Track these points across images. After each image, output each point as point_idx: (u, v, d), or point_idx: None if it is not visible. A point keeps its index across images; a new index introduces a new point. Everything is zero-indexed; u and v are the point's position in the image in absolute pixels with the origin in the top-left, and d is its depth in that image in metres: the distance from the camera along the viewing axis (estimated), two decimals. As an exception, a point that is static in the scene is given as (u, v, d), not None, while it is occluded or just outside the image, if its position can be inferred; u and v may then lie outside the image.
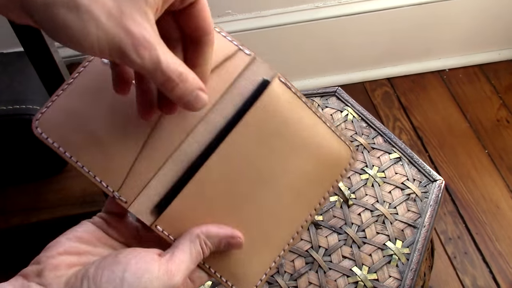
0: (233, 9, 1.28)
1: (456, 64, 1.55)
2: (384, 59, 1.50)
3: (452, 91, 1.50)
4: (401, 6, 1.36)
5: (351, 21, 1.36)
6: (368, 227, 0.63)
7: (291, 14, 1.32)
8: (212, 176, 0.40)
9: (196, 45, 0.38)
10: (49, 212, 0.96)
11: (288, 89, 0.42)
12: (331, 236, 0.62)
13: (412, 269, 0.59)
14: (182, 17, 0.37)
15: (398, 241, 0.61)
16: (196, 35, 0.38)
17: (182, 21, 0.37)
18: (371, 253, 0.60)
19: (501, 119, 1.43)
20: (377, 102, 1.47)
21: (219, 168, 0.41)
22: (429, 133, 1.40)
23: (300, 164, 0.42)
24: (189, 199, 0.40)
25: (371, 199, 0.65)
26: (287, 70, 1.46)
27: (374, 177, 0.67)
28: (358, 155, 0.69)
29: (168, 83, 0.33)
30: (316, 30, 1.35)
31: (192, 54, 0.38)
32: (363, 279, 0.58)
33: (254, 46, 1.35)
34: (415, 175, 0.67)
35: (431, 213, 0.63)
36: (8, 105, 0.88)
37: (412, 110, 1.45)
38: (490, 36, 1.52)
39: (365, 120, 0.74)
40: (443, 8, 1.38)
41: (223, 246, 0.38)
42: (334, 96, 0.77)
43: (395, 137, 0.71)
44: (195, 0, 0.36)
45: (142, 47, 0.31)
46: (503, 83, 1.51)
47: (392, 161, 0.69)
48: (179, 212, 0.40)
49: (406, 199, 0.65)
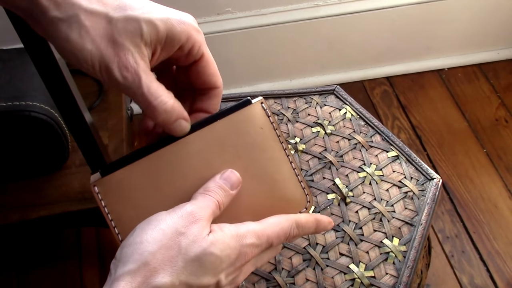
0: (233, 7, 1.28)
1: (455, 63, 1.55)
2: (383, 58, 1.51)
3: (451, 90, 1.50)
4: (401, 5, 1.36)
5: (351, 20, 1.36)
6: (365, 224, 0.63)
7: (291, 12, 1.32)
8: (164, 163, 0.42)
9: (204, 96, 0.43)
10: (48, 208, 0.96)
11: (266, 117, 0.44)
12: (329, 233, 0.62)
13: (409, 267, 0.59)
14: (189, 72, 0.42)
15: (395, 239, 0.62)
16: (204, 88, 0.42)
17: (190, 76, 0.42)
18: (368, 251, 0.61)
19: (499, 119, 1.43)
20: (376, 100, 1.48)
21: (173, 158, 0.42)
22: (427, 132, 1.40)
23: (252, 189, 0.43)
24: (136, 176, 0.41)
25: (369, 197, 0.65)
26: (286, 68, 1.46)
27: (371, 175, 0.67)
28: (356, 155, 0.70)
29: (149, 109, 0.37)
30: (315, 28, 1.36)
31: (201, 103, 0.43)
32: (360, 276, 0.58)
33: (254, 44, 1.35)
34: (413, 173, 0.68)
35: (428, 211, 0.64)
36: (8, 102, 0.88)
37: (411, 109, 1.46)
38: (489, 36, 1.52)
39: (363, 118, 0.74)
40: (443, 7, 1.39)
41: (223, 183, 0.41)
42: (333, 95, 0.77)
43: (393, 136, 0.71)
44: (199, 58, 0.41)
45: (126, 69, 0.36)
46: (502, 82, 1.52)
47: (390, 159, 0.69)
48: (121, 184, 0.41)
49: (404, 197, 0.65)
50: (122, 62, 0.35)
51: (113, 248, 1.17)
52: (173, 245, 0.35)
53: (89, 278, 1.14)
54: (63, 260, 1.16)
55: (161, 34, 0.37)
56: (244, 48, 1.36)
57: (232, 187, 0.41)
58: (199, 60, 0.41)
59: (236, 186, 0.41)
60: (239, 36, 1.32)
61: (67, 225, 1.01)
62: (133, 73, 0.36)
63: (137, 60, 0.36)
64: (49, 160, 0.97)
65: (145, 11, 0.37)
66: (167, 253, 0.34)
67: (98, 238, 1.20)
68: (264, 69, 1.44)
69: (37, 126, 0.88)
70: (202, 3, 1.25)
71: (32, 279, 1.13)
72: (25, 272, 1.14)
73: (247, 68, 1.42)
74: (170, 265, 0.34)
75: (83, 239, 1.20)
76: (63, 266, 1.16)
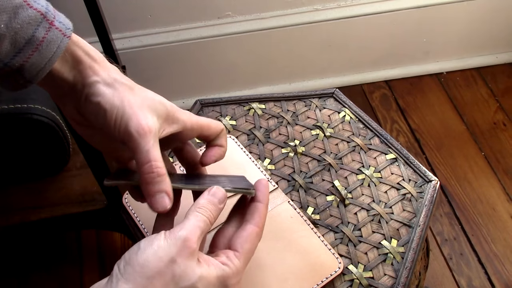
0: (233, 11, 1.29)
1: (454, 67, 1.56)
2: (382, 62, 1.52)
3: (450, 94, 1.51)
4: (400, 10, 1.37)
5: (350, 24, 1.37)
6: (364, 226, 0.64)
7: (291, 16, 1.33)
8: None
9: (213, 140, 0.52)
10: (49, 210, 0.96)
11: (293, 209, 0.63)
12: (328, 235, 0.63)
13: (407, 268, 0.60)
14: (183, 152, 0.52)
15: (394, 240, 0.62)
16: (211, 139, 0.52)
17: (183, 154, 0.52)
18: (367, 252, 0.61)
19: (498, 122, 1.44)
20: (375, 104, 1.48)
21: None
22: (426, 136, 1.41)
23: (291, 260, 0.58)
24: None
25: (367, 198, 0.66)
26: (286, 71, 1.47)
27: (370, 177, 0.68)
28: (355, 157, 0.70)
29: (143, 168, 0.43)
30: (315, 32, 1.37)
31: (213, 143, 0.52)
32: (359, 277, 0.59)
33: (254, 47, 1.36)
34: (411, 175, 0.69)
35: (426, 213, 0.64)
36: (9, 104, 0.88)
37: (409, 112, 1.47)
38: (488, 40, 1.53)
39: (362, 121, 0.75)
40: (441, 11, 1.40)
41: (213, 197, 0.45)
42: (332, 98, 0.78)
43: (392, 138, 0.72)
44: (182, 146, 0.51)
45: (142, 128, 0.42)
46: (500, 86, 1.52)
47: (388, 161, 0.70)
48: None
49: (402, 199, 0.66)
50: (141, 121, 0.43)
51: (114, 251, 1.17)
52: (167, 272, 0.39)
53: (89, 280, 1.15)
54: (63, 263, 1.17)
55: (170, 114, 0.46)
56: (244, 52, 1.37)
57: (220, 202, 0.46)
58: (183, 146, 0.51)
59: (223, 201, 0.46)
60: (239, 39, 1.33)
61: (67, 227, 1.01)
62: (147, 132, 0.42)
63: (152, 125, 0.43)
64: (50, 163, 0.97)
65: (158, 96, 0.46)
66: (162, 279, 0.39)
67: (99, 240, 1.20)
68: (264, 72, 1.45)
69: (38, 128, 0.89)
70: (203, 7, 1.25)
71: (32, 282, 1.14)
72: (25, 274, 1.14)
73: (247, 71, 1.43)
74: None
75: (83, 242, 1.20)
76: (64, 269, 1.16)
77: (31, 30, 0.40)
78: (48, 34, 0.41)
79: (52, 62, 0.41)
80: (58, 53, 0.41)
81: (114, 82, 0.44)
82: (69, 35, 0.42)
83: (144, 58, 1.31)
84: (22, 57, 0.40)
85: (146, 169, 0.43)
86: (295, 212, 0.63)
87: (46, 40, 0.40)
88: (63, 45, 0.42)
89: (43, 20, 0.40)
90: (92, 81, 0.44)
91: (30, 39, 0.40)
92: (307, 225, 0.61)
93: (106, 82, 0.44)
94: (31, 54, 0.40)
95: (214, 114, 0.75)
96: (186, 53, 1.33)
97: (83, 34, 0.45)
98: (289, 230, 0.61)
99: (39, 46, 0.40)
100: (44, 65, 0.41)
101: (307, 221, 0.62)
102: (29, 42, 0.40)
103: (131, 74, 1.36)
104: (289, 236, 0.60)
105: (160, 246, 0.40)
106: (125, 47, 1.28)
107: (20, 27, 0.39)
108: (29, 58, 0.40)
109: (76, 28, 0.44)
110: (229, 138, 0.70)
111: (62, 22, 0.42)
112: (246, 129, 0.73)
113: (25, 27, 0.39)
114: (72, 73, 0.44)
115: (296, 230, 0.61)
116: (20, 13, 0.39)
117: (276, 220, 0.62)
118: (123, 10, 1.21)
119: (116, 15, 1.21)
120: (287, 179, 0.68)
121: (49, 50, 0.41)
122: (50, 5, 0.42)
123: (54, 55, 0.41)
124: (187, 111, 0.49)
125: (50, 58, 0.41)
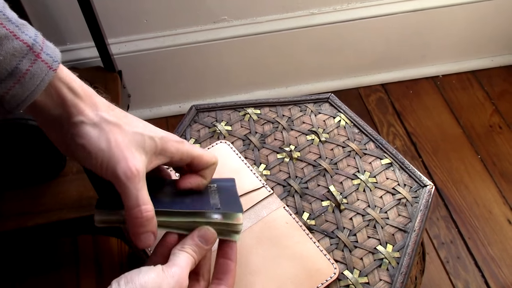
0: (229, 15, 1.29)
1: (450, 70, 1.57)
2: (378, 65, 1.52)
3: (446, 97, 1.51)
4: (396, 13, 1.37)
5: (346, 28, 1.37)
6: (359, 231, 0.64)
7: (287, 21, 1.33)
8: None
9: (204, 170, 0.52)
10: (45, 216, 0.96)
11: (288, 215, 0.63)
12: (323, 240, 0.63)
13: (402, 273, 0.60)
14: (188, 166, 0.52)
15: (389, 245, 0.62)
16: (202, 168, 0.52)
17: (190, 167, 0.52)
18: (362, 257, 0.62)
19: (494, 125, 1.44)
20: (371, 107, 1.49)
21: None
22: (422, 139, 1.42)
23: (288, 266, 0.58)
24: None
25: (363, 203, 0.66)
26: (282, 75, 1.47)
27: (365, 182, 0.68)
28: (350, 162, 0.71)
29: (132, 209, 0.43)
30: (311, 36, 1.37)
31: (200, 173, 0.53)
32: (354, 282, 0.59)
33: (250, 52, 1.36)
34: (406, 180, 0.69)
35: (421, 217, 0.65)
36: (5, 110, 0.88)
37: (406, 115, 1.47)
38: (483, 43, 1.54)
39: (357, 126, 0.75)
40: (437, 15, 1.40)
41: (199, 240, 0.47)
42: (327, 103, 0.78)
43: (387, 143, 0.72)
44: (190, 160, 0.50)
45: (130, 170, 0.43)
46: (496, 89, 1.53)
47: (384, 166, 0.70)
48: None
49: (397, 204, 0.66)
50: (128, 164, 0.43)
51: (110, 256, 1.17)
52: None
53: (86, 286, 1.14)
54: (60, 268, 1.17)
55: (159, 147, 0.46)
56: (240, 56, 1.37)
57: (207, 243, 0.47)
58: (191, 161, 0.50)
59: (211, 242, 0.47)
60: (235, 44, 1.33)
61: (64, 232, 1.01)
62: (136, 176, 0.43)
63: (140, 166, 0.44)
64: (46, 168, 0.97)
65: (147, 130, 0.46)
66: None
67: (95, 246, 1.20)
68: (260, 76, 1.45)
69: (34, 134, 0.88)
70: (199, 12, 1.26)
71: (29, 287, 1.13)
72: (22, 280, 1.14)
73: (243, 75, 1.43)
74: None
75: (80, 247, 1.20)
76: (60, 274, 1.16)
77: (15, 61, 0.39)
78: (32, 66, 0.40)
79: (34, 95, 0.41)
80: (42, 86, 0.41)
81: (101, 122, 0.44)
82: (55, 68, 0.42)
83: (140, 62, 1.31)
84: (3, 88, 0.39)
85: (135, 213, 0.43)
86: (291, 218, 0.63)
87: (30, 72, 0.40)
88: (48, 78, 0.41)
89: (28, 52, 0.40)
90: (77, 121, 0.43)
91: (13, 71, 0.39)
92: (302, 230, 0.62)
93: (92, 122, 0.43)
94: (12, 86, 0.40)
95: (209, 120, 0.75)
96: (182, 58, 1.33)
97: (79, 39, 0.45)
98: (284, 236, 0.61)
99: (21, 79, 0.40)
100: (25, 98, 0.40)
101: (303, 226, 0.62)
102: (12, 73, 0.39)
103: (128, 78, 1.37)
104: (284, 242, 0.60)
105: (159, 275, 0.42)
106: (121, 51, 1.28)
107: (3, 59, 0.39)
108: (10, 90, 0.40)
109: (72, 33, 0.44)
110: (224, 144, 0.70)
111: (49, 54, 0.42)
112: (241, 135, 0.73)
113: (8, 58, 0.39)
114: (57, 110, 0.43)
115: (291, 236, 0.61)
116: (5, 44, 0.39)
117: (271, 226, 0.62)
118: (119, 15, 1.21)
119: (112, 20, 1.22)
120: (282, 185, 0.68)
121: (32, 83, 0.40)
122: (39, 35, 0.42)
123: (37, 88, 0.41)
124: (182, 139, 0.49)
125: (32, 91, 0.40)
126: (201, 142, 0.72)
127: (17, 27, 0.40)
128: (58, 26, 1.17)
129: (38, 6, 1.13)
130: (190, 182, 0.50)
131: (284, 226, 0.62)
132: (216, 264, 0.49)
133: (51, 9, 1.14)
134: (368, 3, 1.35)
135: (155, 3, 1.21)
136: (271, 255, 0.59)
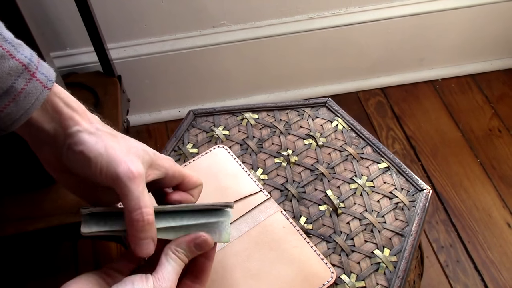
0: (228, 20, 1.30)
1: (449, 74, 1.57)
2: (377, 69, 1.52)
3: (445, 101, 1.51)
4: (395, 17, 1.37)
5: (345, 32, 1.37)
6: (356, 235, 0.64)
7: (286, 25, 1.34)
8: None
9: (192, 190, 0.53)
10: (45, 221, 0.96)
11: (286, 219, 0.63)
12: (320, 244, 0.63)
13: (399, 277, 0.60)
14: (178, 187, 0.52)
15: (386, 249, 0.63)
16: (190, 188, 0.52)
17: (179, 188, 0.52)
18: (359, 261, 0.62)
19: (493, 129, 1.44)
20: (370, 111, 1.49)
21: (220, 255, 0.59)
22: (422, 143, 1.42)
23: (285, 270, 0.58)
24: None
25: (360, 208, 0.66)
26: (281, 80, 1.48)
27: (363, 187, 0.68)
28: (348, 166, 0.71)
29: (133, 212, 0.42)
30: (310, 40, 1.37)
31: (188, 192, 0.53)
32: (351, 286, 0.59)
33: (249, 56, 1.37)
34: (403, 184, 0.69)
35: (418, 221, 0.65)
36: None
37: (405, 119, 1.47)
38: (482, 47, 1.54)
39: (354, 130, 0.75)
40: (436, 19, 1.40)
41: (195, 248, 0.46)
42: (325, 107, 0.78)
43: (384, 147, 0.73)
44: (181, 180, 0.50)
45: (131, 172, 0.42)
46: (495, 93, 1.53)
47: (381, 170, 0.70)
48: None
49: (394, 208, 0.66)
50: (130, 166, 0.42)
51: (109, 260, 1.17)
52: None
53: (85, 290, 1.14)
54: (59, 273, 1.17)
55: (153, 161, 0.46)
56: (239, 60, 1.38)
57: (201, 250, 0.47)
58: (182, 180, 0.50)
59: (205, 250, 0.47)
60: (234, 48, 1.34)
61: (63, 237, 1.01)
62: (137, 177, 0.42)
63: (141, 169, 0.43)
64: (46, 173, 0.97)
65: (141, 144, 0.47)
66: None
67: (95, 250, 1.20)
68: (259, 81, 1.46)
69: (33, 139, 0.89)
70: (198, 16, 1.26)
71: (28, 292, 1.14)
72: (22, 285, 1.14)
73: (242, 80, 1.44)
74: None
75: (79, 252, 1.20)
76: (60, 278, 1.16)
77: (10, 80, 0.40)
78: (27, 85, 0.41)
79: (28, 113, 0.41)
80: (37, 104, 0.41)
81: (97, 131, 0.44)
82: (50, 87, 0.42)
83: (139, 67, 1.32)
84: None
85: (136, 216, 0.42)
86: (288, 222, 0.63)
87: (25, 91, 0.41)
88: (42, 97, 0.42)
89: (24, 71, 0.41)
90: (74, 131, 0.44)
91: (8, 90, 0.40)
92: (299, 235, 0.62)
93: (88, 131, 0.44)
94: (7, 104, 0.40)
95: (207, 124, 0.75)
96: (181, 62, 1.33)
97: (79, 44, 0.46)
98: (281, 240, 0.61)
99: (16, 97, 0.40)
100: (20, 116, 0.41)
101: (300, 231, 0.62)
102: (7, 92, 0.40)
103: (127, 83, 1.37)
104: (281, 246, 0.61)
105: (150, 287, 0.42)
106: (121, 56, 1.28)
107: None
108: (4, 108, 0.40)
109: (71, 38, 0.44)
110: (222, 148, 0.71)
111: (44, 74, 0.42)
112: (239, 139, 0.73)
113: (4, 77, 0.40)
114: (51, 124, 0.44)
115: (288, 240, 0.61)
116: (1, 63, 0.39)
117: (268, 230, 0.62)
118: (118, 19, 1.22)
119: (111, 25, 1.22)
120: (279, 189, 0.68)
121: (27, 101, 0.41)
122: (35, 55, 0.42)
123: (31, 107, 0.41)
124: (170, 157, 0.50)
125: (27, 110, 0.41)
126: (199, 147, 0.72)
127: (13, 47, 0.41)
128: (57, 31, 1.18)
129: (37, 11, 1.13)
130: (180, 195, 0.50)
131: (281, 230, 0.62)
132: (195, 262, 0.48)
133: (50, 15, 1.14)
134: (367, 8, 1.35)
135: (154, 8, 1.21)
136: (268, 260, 0.59)
